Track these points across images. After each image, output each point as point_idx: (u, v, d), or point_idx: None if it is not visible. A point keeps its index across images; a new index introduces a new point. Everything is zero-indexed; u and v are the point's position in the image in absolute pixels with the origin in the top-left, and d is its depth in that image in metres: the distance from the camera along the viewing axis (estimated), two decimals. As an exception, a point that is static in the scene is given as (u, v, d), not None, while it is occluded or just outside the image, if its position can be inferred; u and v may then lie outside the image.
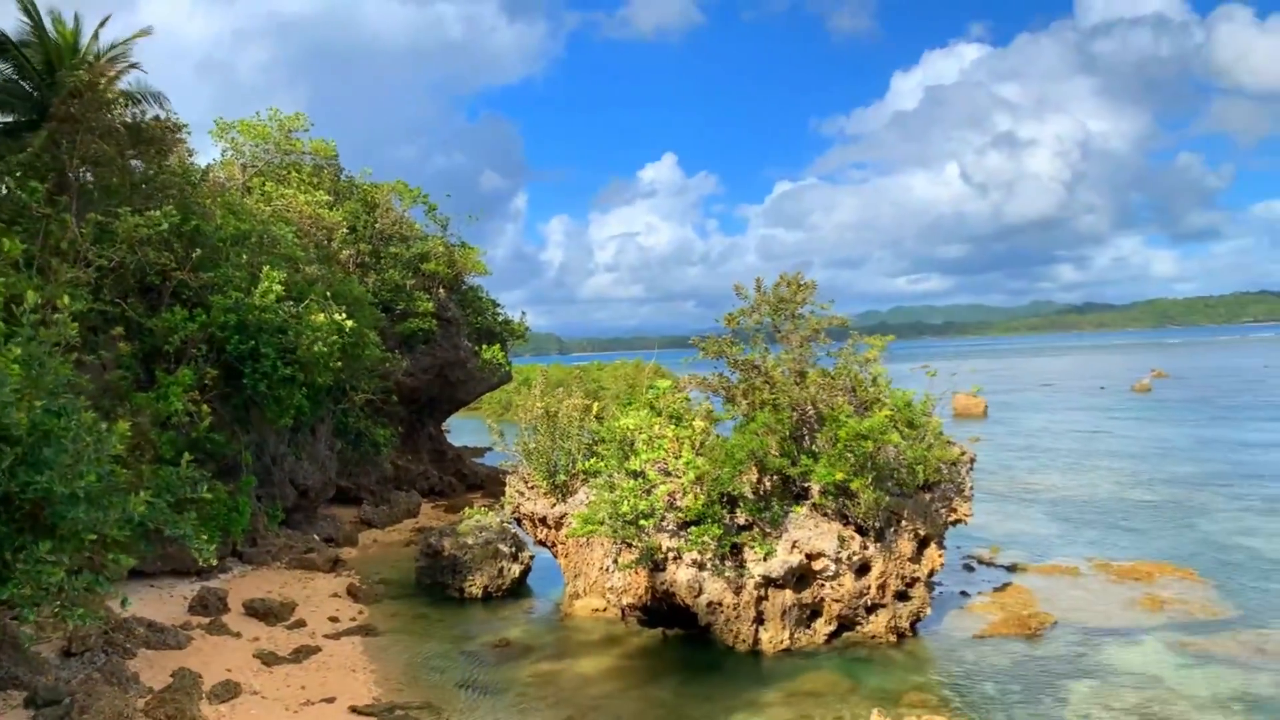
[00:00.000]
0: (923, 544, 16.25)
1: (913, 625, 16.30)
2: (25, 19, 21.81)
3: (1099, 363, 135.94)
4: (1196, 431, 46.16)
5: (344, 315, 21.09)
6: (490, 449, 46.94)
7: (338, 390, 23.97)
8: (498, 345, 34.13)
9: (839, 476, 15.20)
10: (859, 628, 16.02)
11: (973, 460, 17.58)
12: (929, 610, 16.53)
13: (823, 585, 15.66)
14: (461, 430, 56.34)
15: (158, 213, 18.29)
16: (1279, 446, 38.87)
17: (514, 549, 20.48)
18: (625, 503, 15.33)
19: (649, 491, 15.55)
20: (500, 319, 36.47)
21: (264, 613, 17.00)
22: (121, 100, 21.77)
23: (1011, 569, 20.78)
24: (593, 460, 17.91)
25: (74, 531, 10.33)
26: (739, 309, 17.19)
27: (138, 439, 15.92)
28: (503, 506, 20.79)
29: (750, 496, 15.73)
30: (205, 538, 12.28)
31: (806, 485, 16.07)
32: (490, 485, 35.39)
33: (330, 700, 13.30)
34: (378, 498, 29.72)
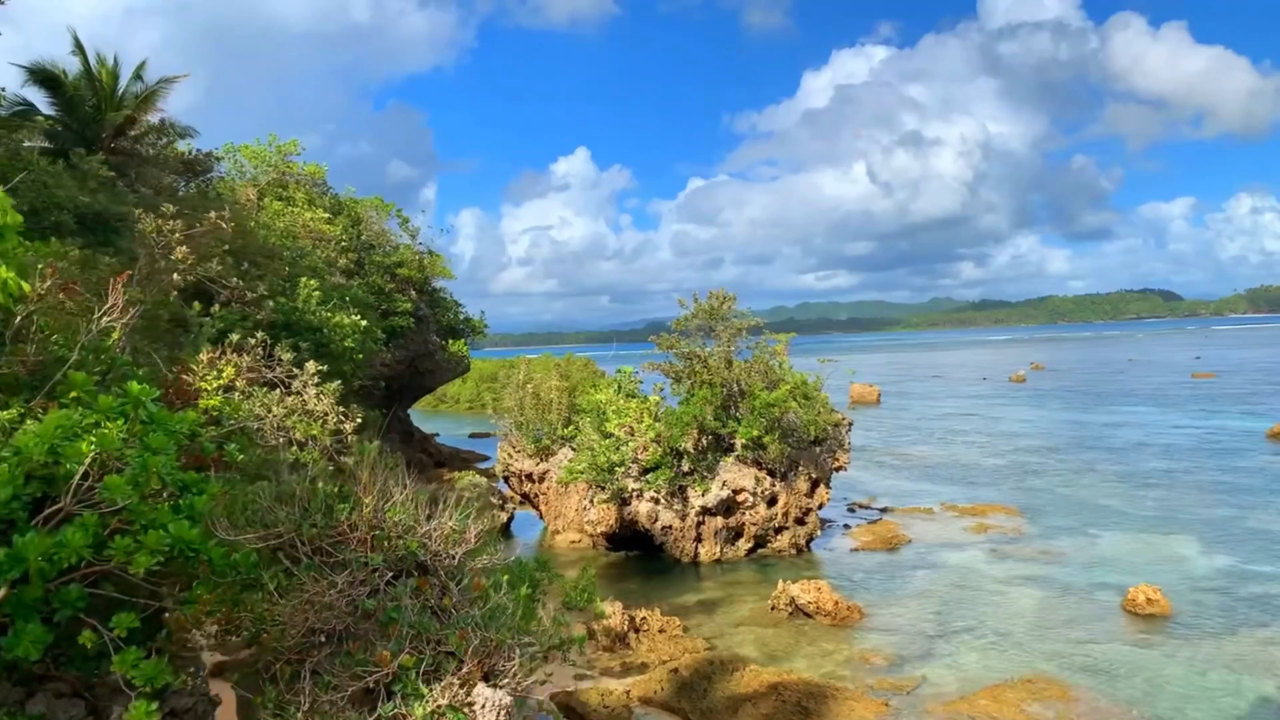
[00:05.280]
0: (815, 484, 22.44)
1: (808, 543, 22.50)
2: (76, 60, 26.10)
3: (987, 356, 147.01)
4: (1052, 414, 54.35)
5: (359, 316, 26.14)
6: (437, 435, 52.24)
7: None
8: (462, 340, 39.23)
9: (755, 433, 21.25)
10: (769, 544, 22.12)
11: (850, 424, 23.89)
12: (819, 533, 22.79)
13: (744, 513, 21.69)
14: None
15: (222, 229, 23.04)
16: (1114, 426, 46.91)
17: (501, 501, 25.96)
18: (602, 456, 21.05)
19: (619, 448, 21.30)
20: (463, 317, 41.49)
21: (319, 546, 22.09)
22: (170, 133, 26.33)
23: (883, 510, 27.29)
24: (570, 428, 23.59)
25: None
26: (683, 315, 23.11)
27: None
28: (493, 469, 26.25)
29: (692, 450, 21.63)
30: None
31: (732, 441, 22.07)
32: (452, 463, 40.51)
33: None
34: (363, 471, 34.57)
